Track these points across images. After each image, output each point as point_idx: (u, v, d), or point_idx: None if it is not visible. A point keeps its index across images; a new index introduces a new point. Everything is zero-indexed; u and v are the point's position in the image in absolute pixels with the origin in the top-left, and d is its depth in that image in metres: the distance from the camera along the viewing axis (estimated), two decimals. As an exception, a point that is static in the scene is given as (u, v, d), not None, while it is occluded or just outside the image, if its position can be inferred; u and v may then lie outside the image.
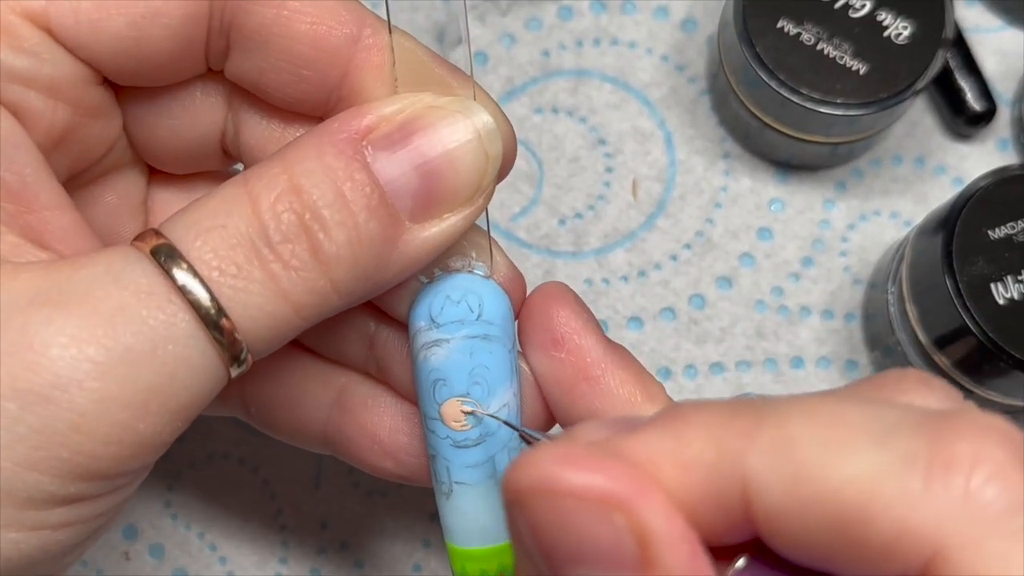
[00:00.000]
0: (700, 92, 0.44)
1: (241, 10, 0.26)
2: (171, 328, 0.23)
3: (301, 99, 0.28)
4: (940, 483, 0.18)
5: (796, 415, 0.19)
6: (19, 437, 0.22)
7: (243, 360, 0.24)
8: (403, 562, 0.41)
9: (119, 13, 0.25)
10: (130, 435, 0.23)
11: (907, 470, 0.18)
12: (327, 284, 0.25)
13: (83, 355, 0.22)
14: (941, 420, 0.19)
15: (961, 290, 0.36)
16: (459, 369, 0.28)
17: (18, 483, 0.22)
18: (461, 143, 0.26)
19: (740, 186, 0.43)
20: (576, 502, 0.19)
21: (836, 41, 0.39)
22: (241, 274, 0.24)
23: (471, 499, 0.29)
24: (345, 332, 0.30)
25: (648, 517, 0.19)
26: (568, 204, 0.43)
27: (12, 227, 0.25)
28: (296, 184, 0.25)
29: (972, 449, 0.18)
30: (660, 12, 0.45)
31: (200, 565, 0.41)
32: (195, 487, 0.41)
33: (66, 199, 0.26)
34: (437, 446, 0.28)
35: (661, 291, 0.43)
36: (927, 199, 0.43)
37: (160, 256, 0.24)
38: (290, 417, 0.31)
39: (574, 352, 0.28)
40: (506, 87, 0.44)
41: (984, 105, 0.43)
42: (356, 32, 0.27)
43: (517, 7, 0.45)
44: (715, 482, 0.20)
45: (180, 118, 0.29)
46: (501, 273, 0.29)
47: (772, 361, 0.42)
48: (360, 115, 0.26)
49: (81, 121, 0.27)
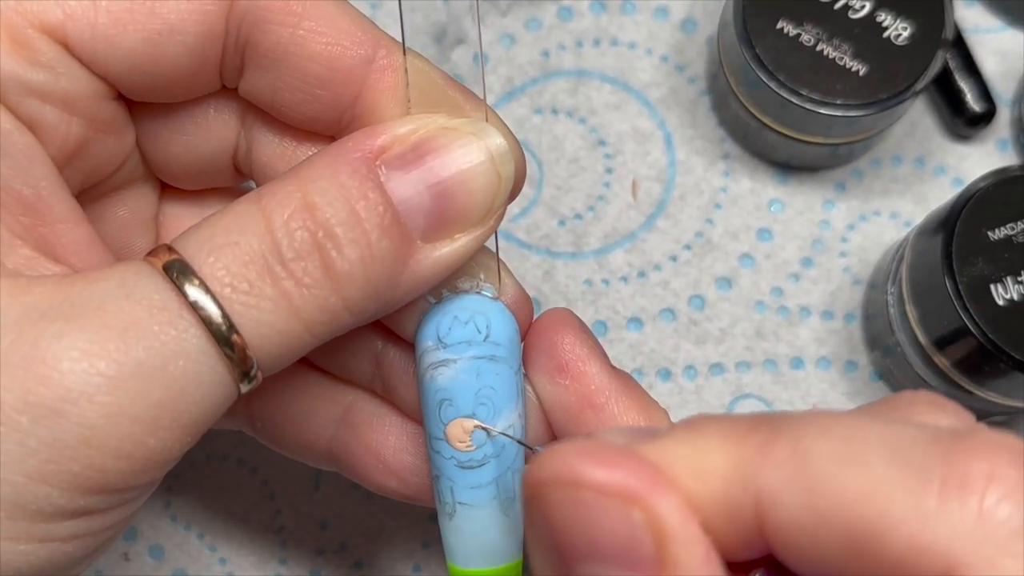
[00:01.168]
0: (700, 93, 0.44)
1: (257, 29, 0.26)
2: (182, 344, 0.23)
3: (314, 118, 0.28)
4: (955, 501, 0.18)
5: (812, 430, 0.20)
6: (30, 450, 0.22)
7: (253, 376, 0.25)
8: (403, 563, 0.41)
9: (136, 29, 0.26)
10: (140, 450, 0.23)
11: (922, 487, 0.18)
12: (339, 302, 0.25)
13: (94, 369, 0.22)
14: (956, 438, 0.19)
15: (961, 291, 0.36)
16: (465, 390, 0.28)
17: (28, 496, 0.22)
18: (474, 164, 0.26)
19: (740, 187, 0.43)
20: (596, 496, 0.20)
21: (836, 42, 0.39)
22: (253, 291, 0.24)
23: (474, 520, 0.29)
24: (352, 350, 0.30)
25: (666, 515, 0.20)
26: (568, 205, 0.43)
27: (27, 240, 0.25)
28: (310, 202, 0.25)
29: (987, 468, 0.18)
30: (660, 12, 0.45)
31: (200, 566, 0.41)
32: (195, 488, 0.41)
33: (80, 213, 0.26)
34: (441, 466, 0.28)
35: (661, 292, 0.43)
36: (927, 200, 0.43)
37: (172, 272, 0.24)
38: (296, 433, 0.31)
39: (578, 379, 0.29)
40: (506, 87, 0.44)
41: (984, 106, 0.43)
42: (371, 53, 0.27)
43: (517, 7, 0.45)
44: (730, 494, 0.20)
45: (193, 134, 0.29)
46: (509, 295, 0.29)
47: (772, 362, 0.42)
48: (374, 135, 0.26)
49: (95, 136, 0.27)
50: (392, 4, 0.45)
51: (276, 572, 0.41)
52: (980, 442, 0.19)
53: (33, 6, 0.25)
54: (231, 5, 0.26)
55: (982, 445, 0.19)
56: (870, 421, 0.20)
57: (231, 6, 0.26)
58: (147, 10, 0.26)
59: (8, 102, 0.25)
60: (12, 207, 0.25)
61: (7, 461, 0.22)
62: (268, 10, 0.26)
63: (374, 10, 0.45)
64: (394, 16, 0.45)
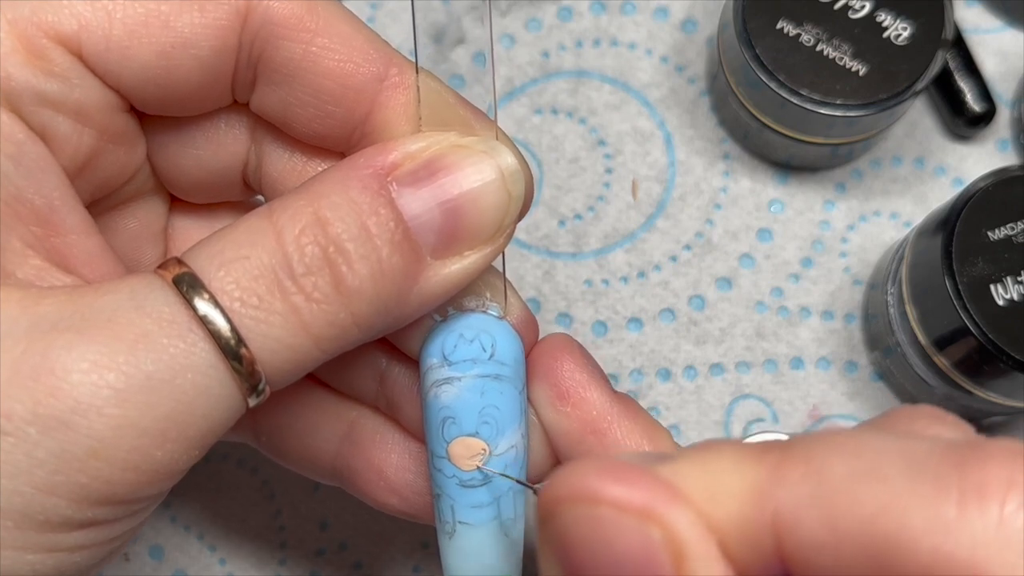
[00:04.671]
0: (700, 93, 0.44)
1: (270, 44, 0.27)
2: (191, 357, 0.23)
3: (325, 134, 0.28)
4: (974, 509, 0.18)
5: (824, 448, 0.20)
6: (38, 462, 0.22)
7: (261, 391, 0.25)
8: (402, 563, 0.41)
9: (150, 42, 0.26)
10: (148, 462, 0.23)
11: (941, 498, 0.18)
12: (348, 317, 0.25)
13: (103, 381, 0.23)
14: (970, 448, 0.19)
15: (961, 291, 0.36)
16: (469, 408, 0.28)
17: (36, 507, 0.22)
18: (485, 182, 0.26)
19: (740, 187, 0.43)
20: (614, 513, 0.20)
21: (836, 42, 0.39)
22: (263, 305, 0.24)
23: (474, 540, 0.28)
24: (357, 367, 0.30)
25: (684, 533, 0.19)
26: (568, 205, 0.43)
27: (38, 250, 0.25)
28: (321, 217, 0.25)
29: (1005, 474, 0.18)
30: (660, 13, 0.45)
31: (200, 566, 0.41)
32: (195, 488, 0.41)
33: (91, 224, 0.26)
34: (443, 484, 0.28)
35: (661, 292, 0.43)
36: (927, 200, 0.43)
37: (182, 285, 0.24)
38: (300, 447, 0.32)
39: (579, 406, 0.29)
40: (506, 88, 0.44)
41: (984, 106, 0.43)
42: (383, 71, 0.27)
43: (517, 7, 0.45)
44: (746, 515, 0.20)
45: (204, 148, 0.29)
46: (515, 315, 0.29)
47: (772, 362, 0.42)
48: (386, 151, 0.26)
49: (106, 147, 0.27)
50: (392, 4, 0.45)
51: (276, 572, 0.41)
52: (995, 450, 0.19)
53: (48, 17, 0.25)
54: (245, 20, 0.26)
55: (997, 453, 0.19)
56: (880, 436, 0.20)
57: (245, 21, 0.26)
58: (161, 24, 0.26)
59: (21, 111, 0.25)
60: (24, 217, 0.25)
61: (15, 472, 0.22)
62: (282, 26, 0.26)
63: (374, 10, 0.45)
64: (393, 16, 0.45)
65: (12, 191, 0.25)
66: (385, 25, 0.44)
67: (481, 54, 0.44)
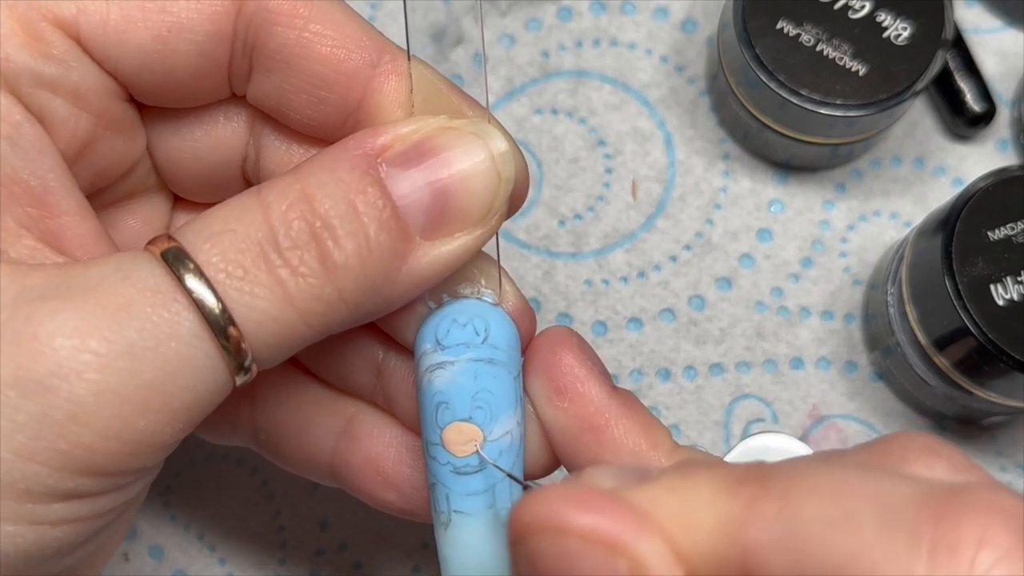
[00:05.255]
0: (700, 93, 0.44)
1: (264, 31, 0.27)
2: (175, 326, 0.23)
3: (320, 121, 0.28)
4: (944, 566, 0.18)
5: (801, 486, 0.19)
6: (18, 426, 0.22)
7: (248, 368, 0.25)
8: (402, 563, 0.41)
9: (146, 26, 0.26)
10: (129, 431, 0.23)
11: (911, 551, 0.18)
12: (334, 292, 0.25)
13: (85, 346, 0.23)
14: (948, 498, 0.19)
15: (961, 291, 0.36)
16: (462, 392, 0.28)
17: (16, 474, 0.22)
18: (475, 163, 0.26)
19: (740, 187, 0.43)
20: (581, 543, 0.20)
21: (836, 42, 0.39)
22: (248, 277, 0.24)
23: (470, 530, 0.28)
24: (354, 360, 0.30)
25: (652, 564, 0.19)
26: (568, 205, 0.43)
27: (32, 231, 0.25)
28: (309, 194, 0.25)
29: (978, 531, 0.18)
30: (660, 13, 0.45)
31: (199, 566, 0.41)
32: (194, 487, 0.41)
33: (87, 207, 0.26)
34: (437, 473, 0.28)
35: (661, 292, 0.43)
36: (927, 200, 0.43)
37: (169, 257, 0.24)
38: (299, 445, 0.32)
39: (577, 401, 0.28)
40: (506, 88, 0.44)
41: (984, 106, 0.43)
42: (375, 57, 0.27)
43: (517, 7, 0.45)
44: (716, 548, 0.19)
45: (203, 141, 0.29)
46: (510, 302, 0.29)
47: (772, 362, 0.42)
48: (376, 134, 0.26)
49: (104, 133, 0.27)
50: (391, 4, 0.45)
51: (276, 572, 0.41)
52: (973, 503, 0.18)
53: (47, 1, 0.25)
54: (240, 7, 0.27)
55: (974, 506, 0.18)
56: (861, 476, 0.20)
57: (240, 8, 0.27)
58: (158, 8, 0.26)
59: (19, 93, 0.25)
60: (19, 197, 0.25)
61: None
62: (275, 12, 0.27)
63: (373, 10, 0.45)
64: (393, 16, 0.45)
65: (8, 171, 0.25)
66: (385, 25, 0.44)
67: (481, 55, 0.44)
